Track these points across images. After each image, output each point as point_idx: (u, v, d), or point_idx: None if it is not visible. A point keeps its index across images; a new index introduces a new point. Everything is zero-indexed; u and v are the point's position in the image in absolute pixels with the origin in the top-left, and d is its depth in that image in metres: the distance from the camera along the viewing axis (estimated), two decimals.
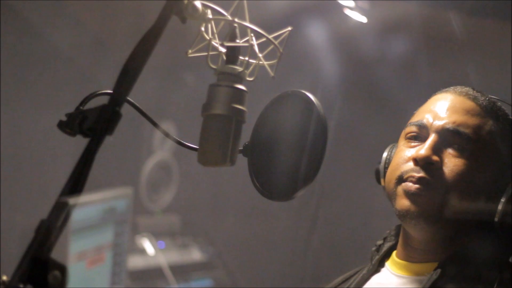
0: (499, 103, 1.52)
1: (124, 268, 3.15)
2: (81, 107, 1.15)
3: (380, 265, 1.58)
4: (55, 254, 0.89)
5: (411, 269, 1.50)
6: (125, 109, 1.00)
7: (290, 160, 1.22)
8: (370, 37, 2.94)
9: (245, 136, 1.23)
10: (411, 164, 1.45)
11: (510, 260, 1.48)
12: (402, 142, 1.52)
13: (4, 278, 0.89)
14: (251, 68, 1.17)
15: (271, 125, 1.26)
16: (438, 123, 1.46)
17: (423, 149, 1.43)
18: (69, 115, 1.16)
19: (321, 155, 1.19)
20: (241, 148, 1.27)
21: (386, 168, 1.55)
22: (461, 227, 1.46)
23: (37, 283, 0.87)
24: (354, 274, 1.63)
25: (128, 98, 1.05)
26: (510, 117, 1.52)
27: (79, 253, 2.75)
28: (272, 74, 1.17)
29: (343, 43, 3.06)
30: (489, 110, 1.48)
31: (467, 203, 1.43)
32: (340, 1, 2.68)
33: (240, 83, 1.14)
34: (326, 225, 3.73)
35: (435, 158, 1.42)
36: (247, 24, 1.12)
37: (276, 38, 1.15)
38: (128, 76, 1.00)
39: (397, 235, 1.60)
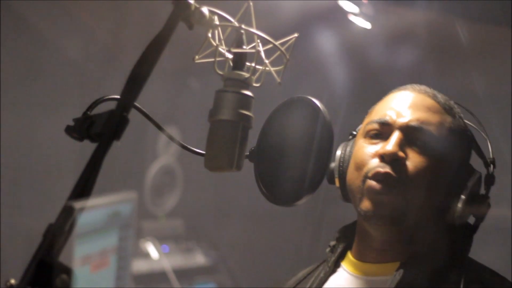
0: (452, 100, 1.52)
1: (129, 272, 3.15)
2: (88, 112, 1.15)
3: (335, 265, 1.54)
4: (60, 258, 0.90)
5: (370, 270, 1.48)
6: (131, 114, 1.00)
7: (296, 166, 1.22)
8: (376, 43, 2.94)
9: (252, 142, 1.24)
10: (376, 161, 1.41)
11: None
12: (361, 140, 1.48)
13: (12, 281, 0.89)
14: (257, 74, 1.17)
15: (278, 131, 1.27)
16: (402, 120, 1.44)
17: (389, 145, 1.40)
18: (76, 120, 1.16)
19: (327, 161, 1.19)
20: (247, 153, 1.28)
21: (341, 167, 1.50)
22: (422, 226, 1.45)
23: (44, 287, 0.88)
24: (308, 274, 1.60)
25: (135, 103, 1.05)
26: (462, 115, 1.52)
27: (84, 257, 2.75)
28: (278, 80, 1.18)
29: (349, 49, 3.06)
30: (447, 108, 1.48)
31: (432, 200, 1.42)
32: (344, 7, 2.69)
33: (247, 89, 1.14)
34: (331, 230, 3.71)
35: (401, 154, 1.40)
36: (253, 30, 1.13)
37: (282, 44, 1.16)
38: (135, 81, 1.01)
39: (350, 235, 1.57)
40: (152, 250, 3.62)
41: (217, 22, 1.14)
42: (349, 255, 1.54)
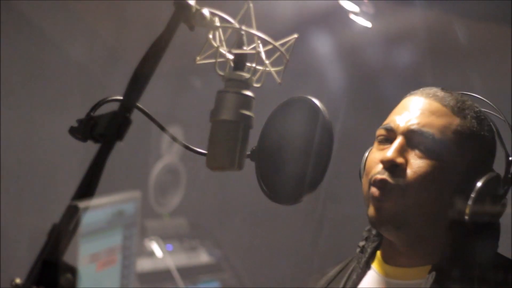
0: (469, 102, 1.52)
1: (133, 270, 3.16)
2: (91, 113, 1.17)
3: (366, 266, 1.58)
4: (64, 258, 0.91)
5: (403, 274, 1.50)
6: (134, 114, 1.01)
7: (297, 165, 1.23)
8: (376, 44, 2.95)
9: (253, 141, 1.25)
10: (380, 166, 1.46)
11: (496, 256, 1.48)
12: (375, 145, 1.53)
13: (18, 281, 0.90)
14: (258, 74, 1.18)
15: (278, 130, 1.28)
16: (404, 125, 1.47)
17: (389, 152, 1.44)
18: (80, 121, 1.17)
19: (327, 160, 1.20)
20: (248, 153, 1.29)
21: (361, 172, 1.57)
22: (438, 229, 1.47)
23: (50, 286, 0.89)
24: (338, 273, 1.63)
25: (137, 104, 1.06)
26: (481, 114, 1.52)
27: (89, 256, 2.76)
28: (278, 80, 1.19)
29: (349, 50, 3.07)
30: (456, 110, 1.48)
31: (436, 203, 1.43)
32: (344, 6, 2.69)
33: (248, 89, 1.15)
34: (332, 229, 3.73)
35: (399, 160, 1.43)
36: (254, 31, 1.14)
37: (282, 45, 1.17)
38: (138, 82, 1.02)
39: (378, 234, 1.60)
40: (156, 249, 3.64)
41: (217, 24, 1.15)
42: (379, 256, 1.57)
